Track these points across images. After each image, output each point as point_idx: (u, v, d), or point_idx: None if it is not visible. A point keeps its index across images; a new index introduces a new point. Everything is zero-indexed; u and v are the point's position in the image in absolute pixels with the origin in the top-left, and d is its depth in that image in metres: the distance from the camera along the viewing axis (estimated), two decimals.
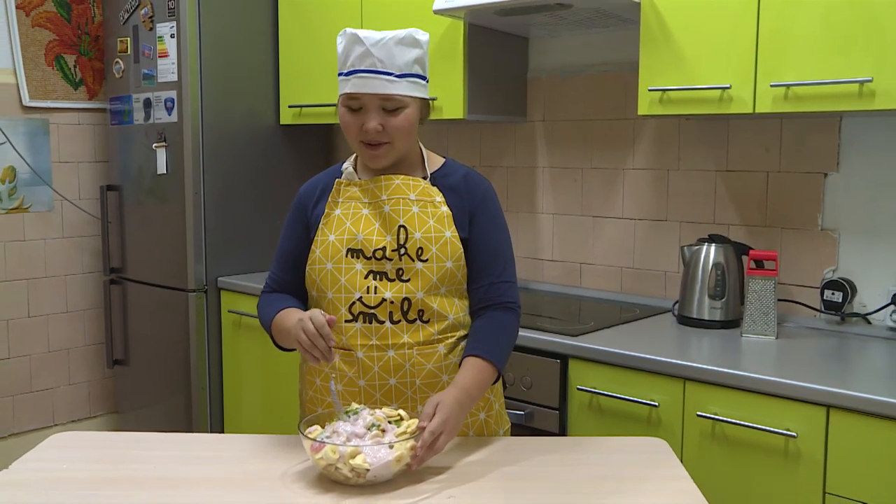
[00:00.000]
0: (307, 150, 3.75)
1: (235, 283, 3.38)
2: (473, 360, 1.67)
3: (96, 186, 3.90)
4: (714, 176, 2.75)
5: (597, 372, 2.29)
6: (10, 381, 3.77)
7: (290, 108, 3.52)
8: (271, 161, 3.62)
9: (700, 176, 2.79)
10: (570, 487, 1.49)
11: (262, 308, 1.80)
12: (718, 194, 2.74)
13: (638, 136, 2.93)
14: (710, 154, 2.76)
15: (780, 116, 2.53)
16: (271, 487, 1.48)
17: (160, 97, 3.43)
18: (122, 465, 1.59)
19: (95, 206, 3.90)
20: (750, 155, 2.67)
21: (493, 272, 1.75)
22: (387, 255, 1.69)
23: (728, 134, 2.71)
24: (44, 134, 3.75)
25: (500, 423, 1.85)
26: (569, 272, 3.14)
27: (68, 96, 3.81)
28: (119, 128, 3.70)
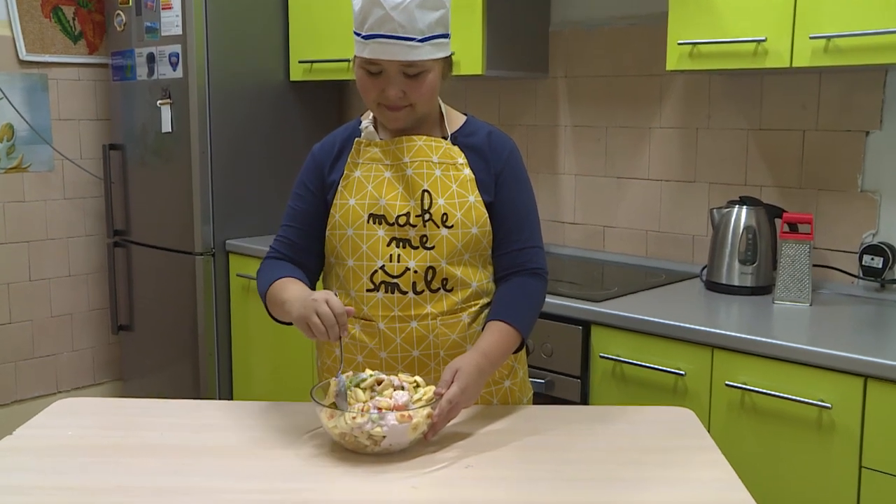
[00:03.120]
0: (319, 107, 3.73)
1: (244, 246, 3.39)
2: (497, 324, 1.67)
3: (98, 145, 3.90)
4: (746, 135, 2.72)
5: (620, 339, 2.28)
6: (12, 346, 3.80)
7: (300, 63, 3.49)
8: (281, 119, 3.60)
9: (731, 135, 2.76)
10: (592, 458, 1.49)
11: (261, 276, 1.76)
12: (750, 154, 2.72)
13: (666, 92, 2.89)
14: (743, 112, 2.72)
15: (819, 71, 2.49)
16: (283, 456, 1.49)
17: (164, 52, 3.41)
18: (128, 432, 1.60)
19: (98, 165, 3.90)
20: (785, 112, 2.63)
21: (519, 237, 1.74)
22: (410, 221, 1.68)
23: (762, 90, 2.67)
24: (42, 90, 3.75)
25: (524, 391, 1.85)
26: (591, 236, 3.13)
27: (67, 50, 3.80)
28: (121, 84, 3.69)
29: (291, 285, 1.66)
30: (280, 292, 1.66)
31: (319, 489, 1.37)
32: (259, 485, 1.38)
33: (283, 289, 1.66)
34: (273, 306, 1.69)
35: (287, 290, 1.65)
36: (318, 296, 1.52)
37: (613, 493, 1.36)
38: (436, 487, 1.37)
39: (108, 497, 1.34)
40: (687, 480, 1.40)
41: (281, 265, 1.76)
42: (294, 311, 1.56)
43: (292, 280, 1.69)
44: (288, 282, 1.68)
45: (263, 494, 1.34)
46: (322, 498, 1.34)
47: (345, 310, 1.50)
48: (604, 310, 2.31)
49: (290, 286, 1.66)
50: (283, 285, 1.67)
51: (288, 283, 1.67)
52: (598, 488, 1.37)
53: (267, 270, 1.76)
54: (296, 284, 1.67)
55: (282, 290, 1.66)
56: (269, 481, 1.39)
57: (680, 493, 1.36)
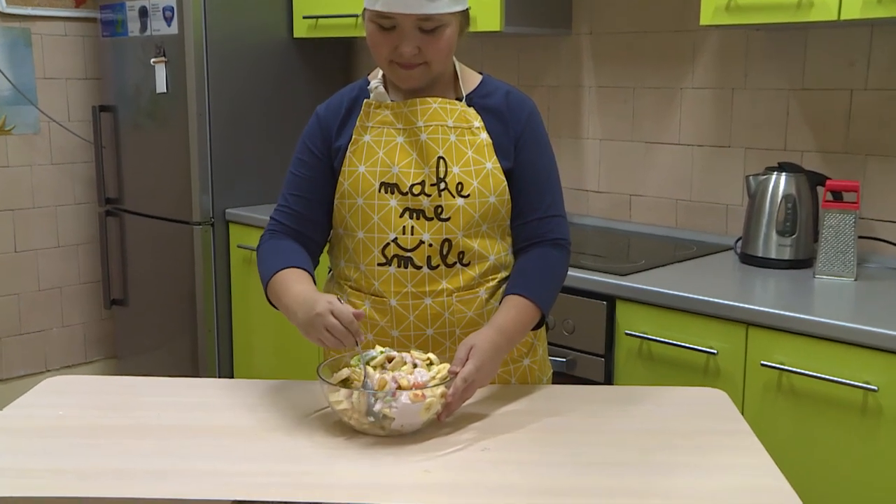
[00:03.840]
0: (324, 66, 3.72)
1: (245, 216, 3.40)
2: (515, 298, 1.67)
3: (88, 107, 3.90)
4: (787, 95, 2.70)
5: (647, 315, 2.28)
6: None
7: (304, 19, 3.48)
8: (284, 79, 3.60)
9: (770, 96, 2.73)
10: (618, 441, 1.49)
11: (262, 257, 1.74)
12: (791, 117, 2.69)
13: (699, 50, 2.87)
14: (783, 70, 2.70)
15: (871, 24, 2.46)
16: (287, 437, 1.50)
17: (157, 5, 3.40)
18: (122, 412, 1.62)
19: (87, 128, 3.91)
20: (831, 71, 2.61)
21: (540, 206, 1.73)
22: (424, 190, 1.67)
23: (805, 46, 2.65)
24: (25, 46, 3.74)
25: (544, 370, 1.85)
26: (617, 205, 3.12)
27: (52, 2, 3.79)
28: (112, 40, 3.69)
29: (295, 284, 1.63)
30: (282, 292, 1.63)
31: (325, 472, 1.38)
32: (262, 467, 1.38)
33: (286, 288, 1.63)
34: (275, 300, 1.68)
35: (290, 290, 1.62)
36: (321, 307, 1.50)
37: (639, 478, 1.36)
38: (449, 471, 1.38)
39: (101, 480, 1.35)
40: (719, 466, 1.40)
41: (284, 246, 1.73)
42: (299, 323, 1.56)
43: (297, 274, 1.66)
44: (292, 278, 1.65)
45: (266, 477, 1.35)
46: (328, 481, 1.35)
47: (353, 316, 1.49)
48: (630, 284, 2.31)
49: (293, 285, 1.62)
50: (286, 282, 1.64)
51: (292, 280, 1.64)
52: (623, 474, 1.38)
53: (269, 253, 1.73)
54: (299, 282, 1.63)
55: (284, 289, 1.63)
56: (273, 463, 1.40)
57: (711, 480, 1.36)
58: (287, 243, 1.75)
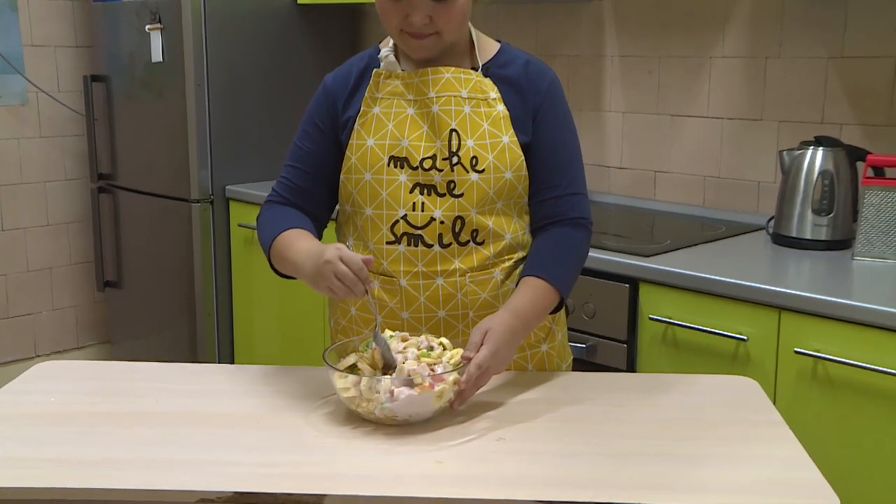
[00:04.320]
0: (330, 35, 3.71)
1: (246, 193, 3.40)
2: (532, 280, 1.67)
3: (79, 76, 3.91)
4: (825, 64, 2.68)
5: (672, 299, 2.28)
6: None
7: None
8: (287, 47, 3.59)
9: (806, 65, 2.72)
10: (641, 431, 1.49)
11: (263, 224, 1.76)
12: (830, 87, 2.68)
13: (730, 15, 2.85)
14: (821, 37, 2.68)
15: None
16: (292, 426, 1.50)
17: None
18: (117, 399, 1.62)
19: (78, 99, 3.91)
20: (873, 37, 2.59)
21: (560, 182, 1.73)
22: (436, 165, 1.67)
23: (846, 11, 2.63)
24: (11, 11, 3.74)
25: (563, 356, 1.85)
26: (641, 182, 3.12)
27: None
28: (103, 5, 3.69)
29: (298, 240, 1.66)
30: (286, 249, 1.66)
31: (332, 463, 1.39)
32: (264, 457, 1.39)
33: (290, 245, 1.66)
34: (279, 263, 1.70)
35: (294, 246, 1.64)
36: (330, 254, 1.51)
37: (664, 471, 1.36)
38: (463, 462, 1.38)
39: (95, 470, 1.36)
40: (749, 458, 1.40)
41: (284, 212, 1.76)
42: (307, 275, 1.57)
43: (299, 232, 1.69)
44: (294, 235, 1.68)
45: (269, 468, 1.36)
46: (334, 472, 1.36)
47: (362, 262, 1.50)
48: (654, 265, 2.31)
49: (296, 241, 1.66)
50: (288, 240, 1.67)
51: (294, 238, 1.67)
52: (647, 465, 1.38)
53: (269, 219, 1.76)
54: (302, 238, 1.67)
55: (288, 245, 1.66)
56: (276, 454, 1.41)
57: (741, 472, 1.36)
58: (287, 210, 1.76)
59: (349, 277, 1.50)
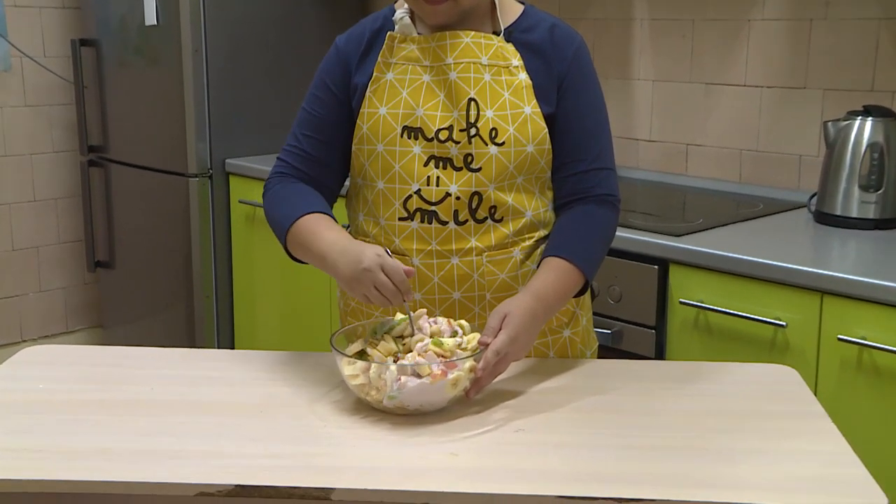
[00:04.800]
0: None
1: (248, 167, 3.41)
2: (555, 261, 1.67)
3: (66, 40, 3.91)
4: (877, 26, 2.66)
5: (705, 281, 2.28)
6: None
7: None
8: (292, 11, 3.59)
9: (856, 27, 2.70)
10: (670, 423, 1.49)
11: (275, 202, 1.76)
12: (881, 51, 2.66)
13: None
14: None
15: None
16: (297, 415, 1.51)
17: None
18: (111, 386, 1.63)
19: (66, 65, 3.92)
20: None
21: (586, 156, 1.73)
22: (453, 136, 1.67)
23: None
24: None
25: (588, 342, 1.86)
26: (672, 156, 3.11)
27: None
28: None
29: (324, 229, 1.64)
30: (310, 238, 1.65)
31: (339, 455, 1.39)
32: (267, 448, 1.40)
33: (314, 234, 1.64)
34: (298, 250, 1.70)
35: (321, 237, 1.63)
36: (370, 261, 1.51)
37: (695, 465, 1.36)
38: (479, 455, 1.39)
39: (87, 461, 1.36)
40: (788, 453, 1.40)
41: (298, 190, 1.75)
42: (341, 276, 1.57)
43: (320, 219, 1.67)
44: (316, 223, 1.66)
45: (272, 460, 1.36)
46: (341, 465, 1.36)
47: (405, 273, 1.51)
48: (685, 246, 2.30)
49: (322, 231, 1.64)
50: (310, 228, 1.66)
51: (317, 225, 1.66)
52: (676, 460, 1.38)
53: (282, 197, 1.75)
54: (328, 227, 1.65)
55: (312, 234, 1.64)
56: (280, 445, 1.41)
57: (779, 468, 1.36)
58: (301, 187, 1.76)
59: (389, 289, 1.51)
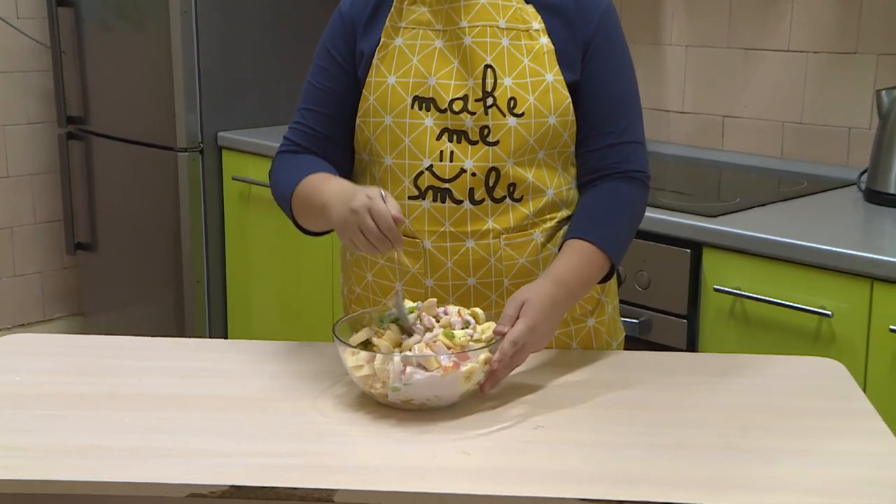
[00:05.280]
0: None
1: (242, 141, 3.41)
2: (578, 243, 1.67)
3: (42, 1, 3.89)
4: None
5: (742, 266, 2.28)
6: None
7: None
8: None
9: None
10: (703, 421, 1.50)
11: (279, 174, 1.78)
12: None
13: None
14: None
15: None
16: (297, 411, 1.52)
17: None
18: (94, 378, 1.64)
19: (42, 28, 3.91)
20: None
21: (614, 129, 1.73)
22: (468, 107, 1.68)
23: None
24: None
25: (614, 333, 1.86)
26: (707, 128, 3.10)
27: None
28: None
29: (327, 182, 1.65)
30: (312, 194, 1.66)
31: (343, 453, 1.40)
32: (264, 446, 1.41)
33: (316, 189, 1.65)
34: (305, 217, 1.71)
35: (322, 189, 1.63)
36: (359, 202, 1.49)
37: (729, 467, 1.37)
38: (494, 453, 1.39)
39: (68, 460, 1.37)
40: (834, 453, 1.41)
41: (304, 160, 1.76)
42: (333, 220, 1.57)
43: (325, 176, 1.69)
44: (320, 179, 1.68)
45: (270, 458, 1.37)
46: (346, 464, 1.37)
47: (393, 220, 1.49)
48: (721, 227, 2.30)
49: (324, 184, 1.65)
50: (313, 185, 1.67)
51: (321, 181, 1.67)
52: (710, 460, 1.38)
53: (286, 168, 1.77)
54: (331, 180, 1.66)
55: (314, 190, 1.65)
56: (277, 442, 1.42)
57: (823, 470, 1.36)
58: (307, 156, 1.77)
59: (374, 234, 1.50)
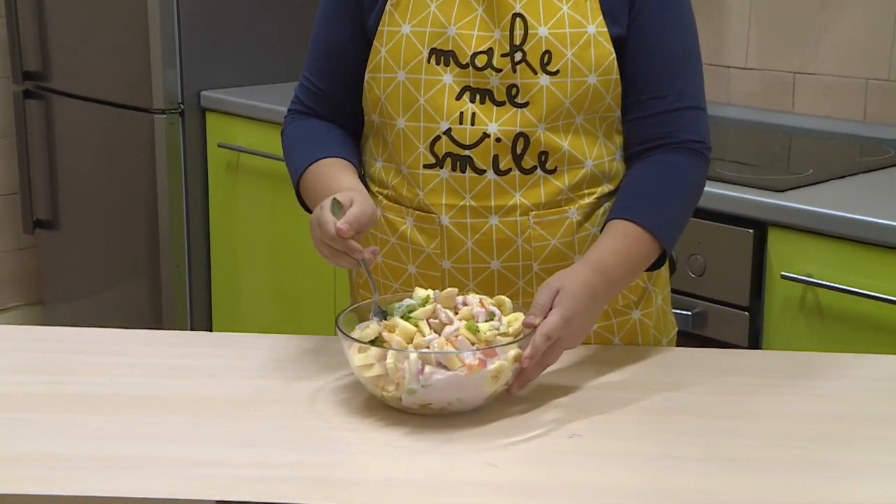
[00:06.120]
0: None
1: (229, 101, 3.42)
2: (624, 225, 1.68)
3: None
4: None
5: (815, 250, 2.28)
6: None
7: None
8: None
9: None
10: (770, 429, 1.50)
11: (290, 139, 1.81)
12: None
13: None
14: None
15: None
16: (293, 415, 1.53)
17: None
18: (58, 377, 1.66)
19: None
20: None
21: (668, 92, 1.73)
22: (493, 62, 1.68)
23: None
24: None
25: (663, 327, 1.87)
26: (774, 88, 3.10)
27: None
28: None
29: (336, 180, 1.67)
30: (318, 186, 1.69)
31: (346, 465, 1.41)
32: (255, 456, 1.41)
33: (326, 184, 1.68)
34: (309, 198, 1.74)
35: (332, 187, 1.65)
36: (313, 216, 1.54)
37: (797, 483, 1.36)
38: (523, 466, 1.40)
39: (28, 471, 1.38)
40: None
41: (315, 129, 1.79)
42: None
43: (336, 165, 1.71)
44: (331, 174, 1.70)
45: (261, 469, 1.38)
46: (349, 477, 1.38)
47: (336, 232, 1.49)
48: (790, 204, 2.31)
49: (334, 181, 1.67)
50: (324, 179, 1.69)
51: (331, 177, 1.69)
52: (775, 475, 1.38)
53: (295, 140, 1.80)
54: (342, 177, 1.68)
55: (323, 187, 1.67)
56: (271, 451, 1.43)
57: None
58: (318, 125, 1.80)
59: (323, 249, 1.54)
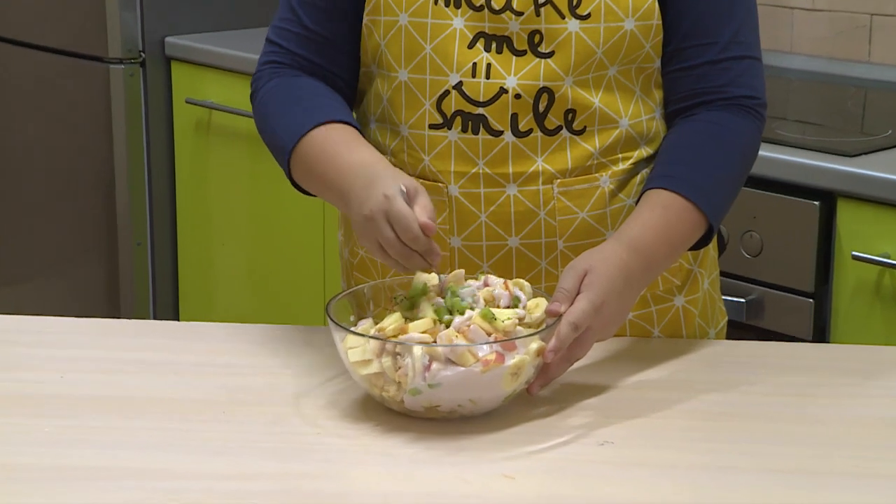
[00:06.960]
0: None
1: (198, 49, 3.43)
2: (664, 196, 1.68)
3: None
4: None
5: (893, 226, 2.29)
6: None
7: None
8: None
9: None
10: (835, 438, 1.51)
11: (268, 105, 1.79)
12: None
13: None
14: None
15: None
16: (275, 419, 1.54)
17: None
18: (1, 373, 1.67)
19: None
20: None
21: (717, 39, 1.73)
22: (512, 4, 1.69)
23: None
24: None
25: (711, 316, 1.88)
26: (846, 33, 3.10)
27: None
28: None
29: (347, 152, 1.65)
30: (327, 165, 1.66)
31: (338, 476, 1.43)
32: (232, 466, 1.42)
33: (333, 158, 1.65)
34: (308, 181, 1.73)
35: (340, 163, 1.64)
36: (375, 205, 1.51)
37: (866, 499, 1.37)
38: (546, 478, 1.41)
39: None
40: None
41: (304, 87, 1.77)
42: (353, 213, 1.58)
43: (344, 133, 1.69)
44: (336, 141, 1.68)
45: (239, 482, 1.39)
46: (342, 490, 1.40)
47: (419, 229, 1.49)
48: (863, 171, 2.31)
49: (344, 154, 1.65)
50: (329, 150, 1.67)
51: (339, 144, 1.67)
52: (840, 491, 1.39)
53: (278, 97, 1.78)
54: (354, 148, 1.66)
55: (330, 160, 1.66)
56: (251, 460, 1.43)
57: None
58: (305, 81, 1.78)
59: (395, 248, 1.51)
